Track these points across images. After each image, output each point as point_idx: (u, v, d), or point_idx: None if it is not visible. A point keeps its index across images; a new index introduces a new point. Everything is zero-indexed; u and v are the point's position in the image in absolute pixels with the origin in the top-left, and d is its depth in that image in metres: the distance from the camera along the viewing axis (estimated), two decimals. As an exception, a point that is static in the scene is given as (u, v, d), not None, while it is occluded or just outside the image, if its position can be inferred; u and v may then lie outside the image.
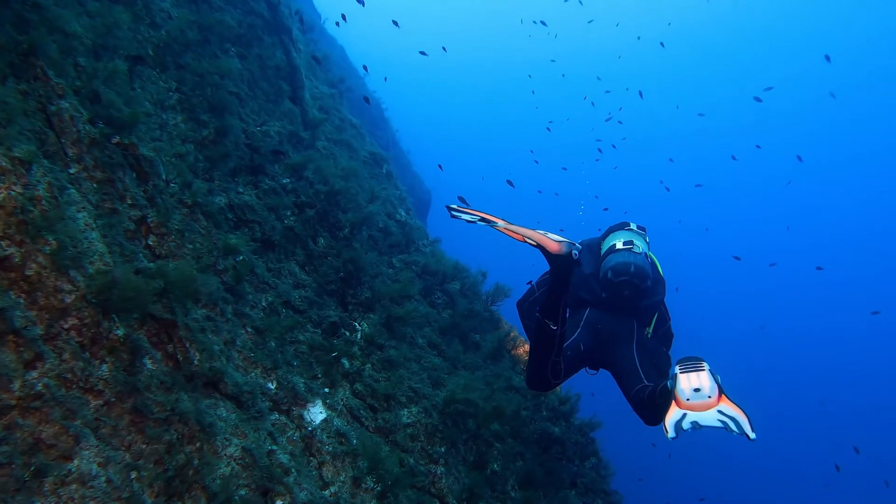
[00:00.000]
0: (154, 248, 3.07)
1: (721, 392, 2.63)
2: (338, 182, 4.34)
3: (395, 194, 5.47)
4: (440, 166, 12.56)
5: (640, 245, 3.55)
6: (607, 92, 22.63)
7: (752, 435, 2.51)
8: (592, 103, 22.02)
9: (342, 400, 3.33)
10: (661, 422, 2.68)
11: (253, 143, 4.24)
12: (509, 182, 10.31)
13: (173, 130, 3.83)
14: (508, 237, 2.92)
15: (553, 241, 2.75)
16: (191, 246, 3.23)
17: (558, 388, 4.74)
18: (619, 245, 3.57)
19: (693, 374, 2.62)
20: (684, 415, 2.61)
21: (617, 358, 3.38)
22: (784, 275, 38.66)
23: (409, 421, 3.40)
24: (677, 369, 2.70)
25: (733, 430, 2.55)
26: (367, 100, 6.40)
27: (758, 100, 13.87)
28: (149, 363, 2.70)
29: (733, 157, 23.10)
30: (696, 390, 2.57)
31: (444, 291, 4.88)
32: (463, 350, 4.41)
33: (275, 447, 2.94)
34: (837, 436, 28.76)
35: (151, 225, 3.10)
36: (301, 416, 3.19)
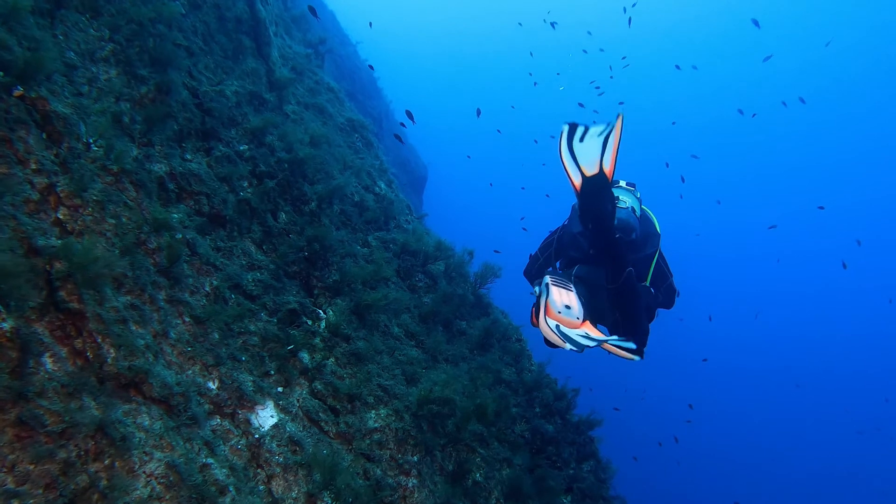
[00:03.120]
0: (65, 223, 2.56)
1: (587, 319, 2.74)
2: (304, 149, 3.79)
3: (374, 165, 4.90)
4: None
5: (626, 200, 3.51)
6: (601, 50, 21.58)
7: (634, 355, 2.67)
8: (584, 51, 21.26)
9: (298, 401, 2.86)
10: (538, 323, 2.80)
11: (204, 103, 3.67)
12: (478, 111, 9.72)
13: (104, 86, 3.28)
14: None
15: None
16: (113, 220, 2.71)
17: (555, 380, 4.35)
18: None
19: (564, 291, 2.73)
20: (557, 325, 2.72)
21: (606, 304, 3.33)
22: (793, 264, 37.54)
23: (376, 425, 2.93)
24: (549, 280, 2.79)
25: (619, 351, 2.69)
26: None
27: (755, 23, 12.89)
28: (49, 363, 2.22)
29: (740, 112, 22.28)
30: (567, 307, 2.69)
31: (427, 273, 4.36)
32: (446, 339, 3.91)
33: (211, 460, 2.47)
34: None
35: (62, 195, 2.58)
36: (248, 421, 2.72)
